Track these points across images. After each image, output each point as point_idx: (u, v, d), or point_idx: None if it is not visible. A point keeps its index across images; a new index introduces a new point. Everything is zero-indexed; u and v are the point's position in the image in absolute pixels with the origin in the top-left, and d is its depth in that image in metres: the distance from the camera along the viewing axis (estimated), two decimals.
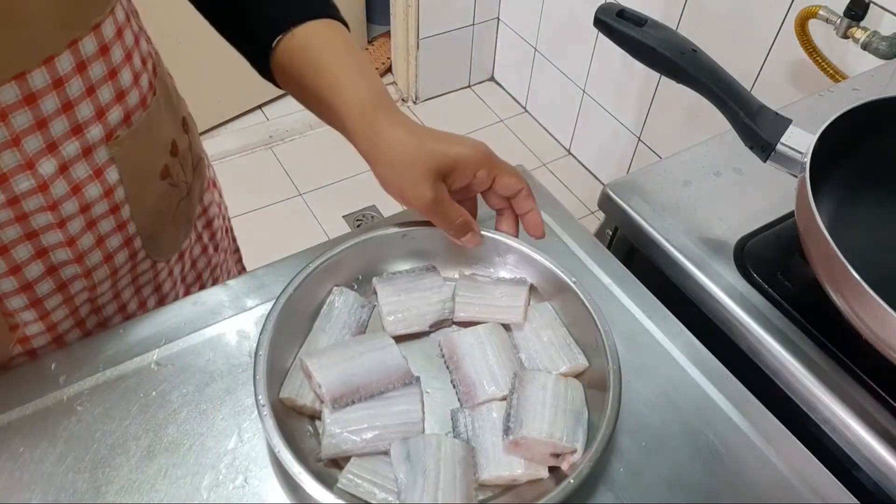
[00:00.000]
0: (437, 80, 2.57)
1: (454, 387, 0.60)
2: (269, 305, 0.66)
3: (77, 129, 0.55)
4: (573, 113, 2.35)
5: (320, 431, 0.56)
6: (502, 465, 0.54)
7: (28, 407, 0.58)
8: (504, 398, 0.57)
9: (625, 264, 0.72)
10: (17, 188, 0.53)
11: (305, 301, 0.63)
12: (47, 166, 0.54)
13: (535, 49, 2.39)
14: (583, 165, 2.40)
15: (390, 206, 2.21)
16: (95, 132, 0.57)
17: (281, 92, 0.69)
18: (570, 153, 2.45)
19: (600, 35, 0.72)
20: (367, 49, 2.65)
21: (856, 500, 0.57)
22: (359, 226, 2.16)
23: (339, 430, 0.54)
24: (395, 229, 0.66)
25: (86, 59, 0.53)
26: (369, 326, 0.64)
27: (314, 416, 0.58)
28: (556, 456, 0.54)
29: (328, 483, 0.51)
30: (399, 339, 0.62)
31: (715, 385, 0.63)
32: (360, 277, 0.67)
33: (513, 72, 2.59)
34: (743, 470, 0.58)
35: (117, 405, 0.58)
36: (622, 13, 0.71)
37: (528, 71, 2.48)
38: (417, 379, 0.59)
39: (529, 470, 0.53)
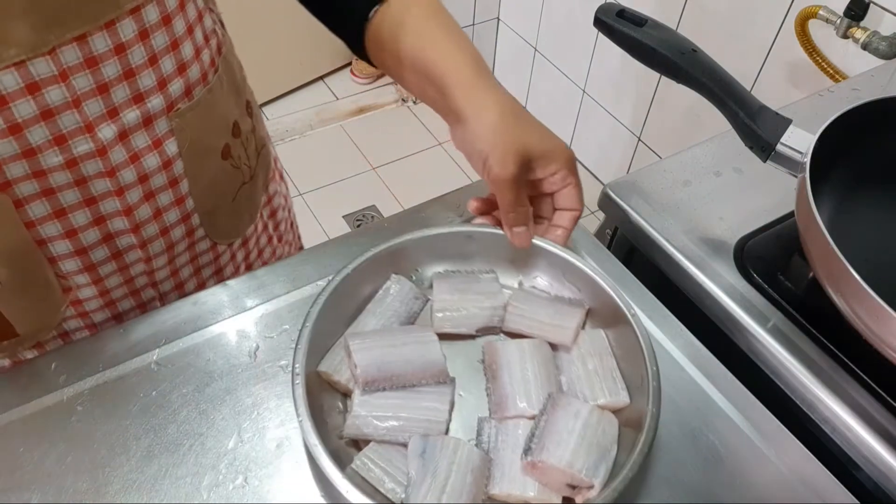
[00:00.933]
0: None
1: (487, 395, 0.60)
2: (269, 305, 0.67)
3: (138, 98, 0.56)
4: (573, 113, 2.35)
5: (348, 410, 0.57)
6: (516, 484, 0.53)
7: (28, 407, 0.58)
8: (533, 417, 0.57)
9: (625, 264, 0.72)
10: (76, 150, 0.54)
11: (361, 283, 0.64)
12: (107, 131, 0.55)
13: (535, 49, 2.39)
14: (583, 165, 2.40)
15: (390, 207, 2.21)
16: (156, 102, 0.58)
17: (281, 92, 0.69)
18: None
19: (600, 35, 0.72)
20: None
21: (856, 500, 0.57)
22: (359, 226, 2.16)
23: (365, 413, 0.55)
24: (462, 228, 0.66)
25: (148, 28, 0.54)
26: (419, 319, 0.65)
27: (347, 394, 0.59)
28: (573, 487, 0.53)
29: (343, 462, 0.51)
30: (445, 337, 0.62)
31: (715, 385, 0.63)
32: (419, 270, 0.67)
33: (513, 72, 2.59)
34: (743, 470, 0.58)
35: (117, 405, 0.58)
36: (622, 13, 0.71)
37: (528, 71, 2.48)
38: (452, 380, 0.59)
39: (542, 495, 0.53)
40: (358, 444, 0.56)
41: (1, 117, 0.49)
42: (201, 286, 0.72)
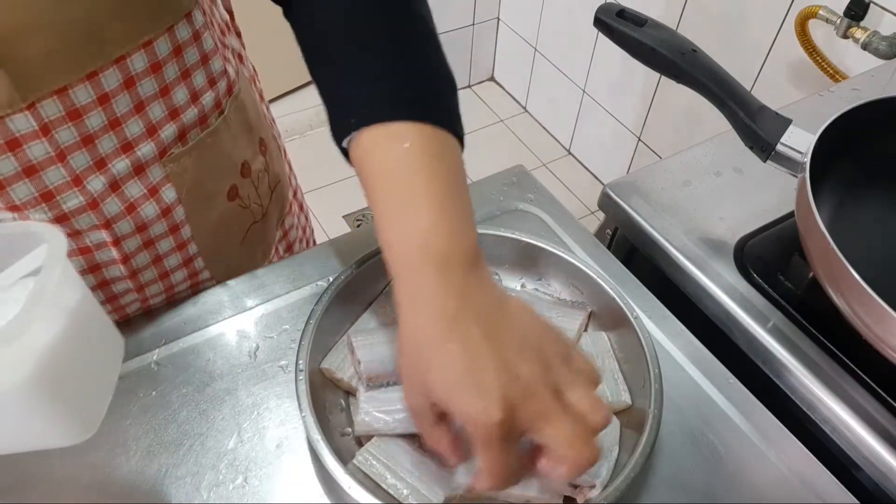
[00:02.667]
0: None
1: None
2: (269, 305, 0.67)
3: (127, 147, 0.53)
4: (573, 113, 2.35)
5: (353, 409, 0.58)
6: (517, 484, 0.53)
7: None
8: None
9: (625, 264, 0.72)
10: (66, 205, 0.52)
11: (365, 283, 0.64)
12: (96, 183, 0.53)
13: (535, 49, 2.39)
14: (583, 165, 2.40)
15: None
16: (147, 150, 0.55)
17: (280, 91, 0.68)
18: (570, 153, 2.45)
19: (600, 35, 0.72)
20: None
21: (856, 500, 0.57)
22: (359, 226, 2.16)
23: (373, 408, 0.55)
24: None
25: (134, 76, 0.51)
26: None
27: (349, 392, 0.59)
28: (574, 487, 0.53)
29: (344, 459, 0.52)
30: None
31: (715, 385, 0.63)
32: None
33: (513, 72, 2.59)
34: (743, 470, 0.58)
35: (117, 405, 0.58)
36: (622, 13, 0.71)
37: (528, 71, 2.48)
38: None
39: (543, 494, 0.53)
40: (360, 441, 0.56)
41: None
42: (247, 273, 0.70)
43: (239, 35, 0.68)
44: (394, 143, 0.46)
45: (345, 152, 0.50)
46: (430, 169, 0.45)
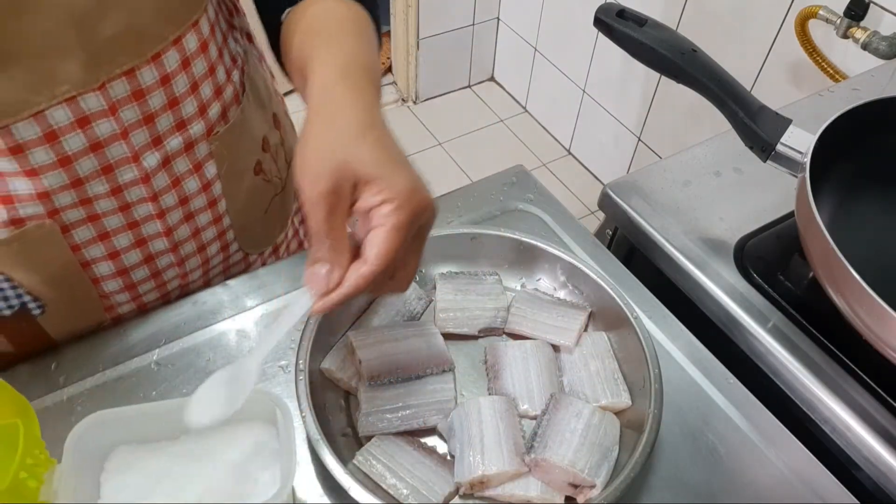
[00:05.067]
0: (437, 80, 2.57)
1: (489, 395, 0.60)
2: (269, 305, 0.67)
3: (181, 125, 0.57)
4: (573, 113, 2.35)
5: (355, 409, 0.58)
6: (518, 484, 0.53)
7: None
8: (535, 417, 0.57)
9: (625, 264, 0.72)
10: (122, 179, 0.56)
11: None
12: (151, 159, 0.57)
13: (535, 49, 2.39)
14: (583, 165, 2.40)
15: None
16: (198, 128, 0.59)
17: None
18: (570, 153, 2.45)
19: (600, 35, 0.72)
20: None
21: (856, 500, 0.57)
22: None
23: (375, 408, 0.56)
24: (466, 230, 0.66)
25: (189, 56, 0.55)
26: (422, 320, 0.65)
27: (349, 392, 0.60)
28: (575, 487, 0.53)
29: (344, 459, 0.52)
30: (447, 337, 0.63)
31: (715, 385, 0.63)
32: (423, 271, 0.68)
33: (513, 72, 2.59)
34: (743, 470, 0.58)
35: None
36: (622, 13, 0.71)
37: (528, 71, 2.48)
38: (453, 366, 0.60)
39: (545, 494, 0.53)
40: (360, 441, 0.56)
41: (52, 150, 0.51)
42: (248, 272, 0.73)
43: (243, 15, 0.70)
44: (322, 3, 0.55)
45: (278, 32, 0.58)
46: (352, 23, 0.54)
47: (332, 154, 0.45)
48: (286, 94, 0.76)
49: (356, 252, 0.46)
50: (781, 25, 1.52)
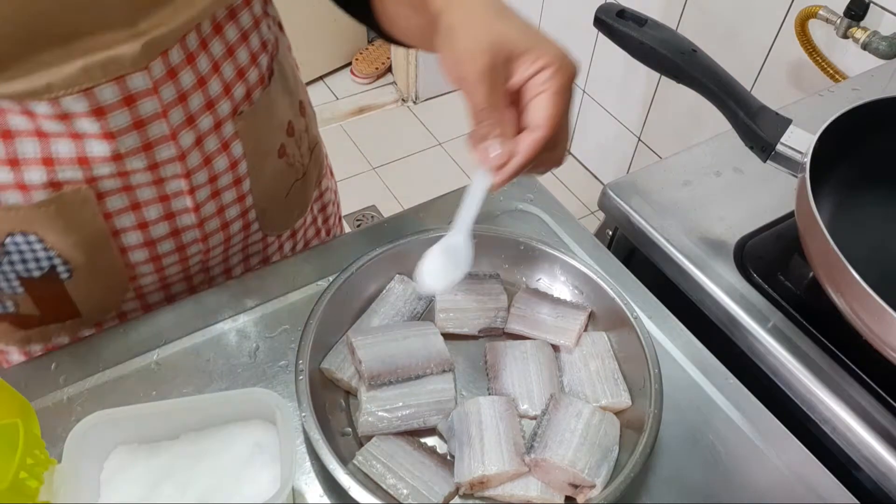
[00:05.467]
0: (437, 80, 2.57)
1: (489, 395, 0.60)
2: (269, 305, 0.67)
3: (210, 104, 0.59)
4: (573, 113, 2.35)
5: (355, 409, 0.58)
6: (518, 484, 0.53)
7: None
8: (535, 417, 0.57)
9: (625, 264, 0.72)
10: (159, 156, 0.57)
11: (365, 283, 0.64)
12: (187, 138, 0.58)
13: None
14: (583, 165, 2.40)
15: (390, 207, 2.21)
16: (224, 107, 0.60)
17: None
18: (570, 153, 2.45)
19: (600, 35, 0.72)
20: (366, 49, 2.65)
21: (856, 500, 0.57)
22: (359, 226, 2.16)
23: (375, 408, 0.56)
24: None
25: (205, 37, 0.56)
26: (422, 320, 0.65)
27: (349, 392, 0.60)
28: (575, 487, 0.53)
29: (344, 459, 0.52)
30: (447, 337, 0.62)
31: (715, 385, 0.63)
32: None
33: None
34: (743, 470, 0.58)
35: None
36: (622, 13, 0.71)
37: None
38: (453, 366, 0.60)
39: (545, 494, 0.53)
40: (360, 441, 0.56)
41: (98, 124, 0.52)
42: (248, 270, 0.75)
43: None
44: None
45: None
46: None
47: (485, 34, 0.47)
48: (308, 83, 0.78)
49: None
50: (781, 25, 1.52)
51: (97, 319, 0.67)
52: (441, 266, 0.52)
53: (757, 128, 0.66)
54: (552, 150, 0.50)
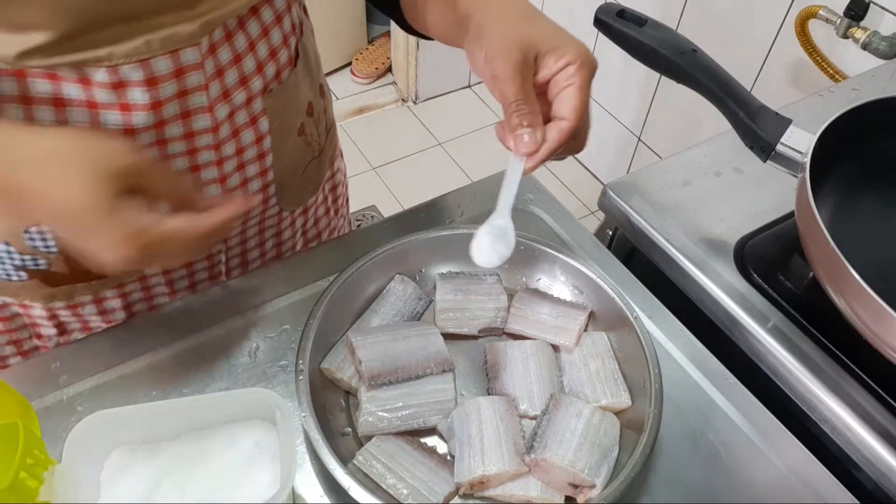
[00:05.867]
0: (437, 79, 2.57)
1: (489, 395, 0.60)
2: (269, 305, 0.67)
3: (243, 80, 0.61)
4: None
5: (355, 409, 0.58)
6: (518, 484, 0.53)
7: None
8: (535, 417, 0.57)
9: (625, 264, 0.72)
10: (195, 125, 0.59)
11: (365, 283, 0.65)
12: (221, 111, 0.60)
13: None
14: (583, 165, 2.40)
15: (390, 207, 2.21)
16: (256, 84, 0.63)
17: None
18: None
19: (600, 35, 0.72)
20: (366, 49, 2.65)
21: (856, 500, 0.57)
22: (359, 226, 2.16)
23: (375, 408, 0.56)
24: (466, 230, 0.66)
25: (244, 16, 0.59)
26: (422, 320, 0.65)
27: (349, 392, 0.60)
28: (574, 487, 0.53)
29: (344, 459, 0.52)
30: (447, 337, 0.62)
31: (715, 385, 0.63)
32: (423, 271, 0.68)
33: None
34: (743, 470, 0.58)
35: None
36: (622, 13, 0.71)
37: None
38: (453, 366, 0.60)
39: (545, 494, 0.53)
40: (360, 441, 0.56)
41: (148, 94, 0.55)
42: (262, 245, 0.76)
43: None
44: None
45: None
46: None
47: (515, 34, 0.52)
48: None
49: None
50: (781, 25, 1.52)
51: (120, 281, 0.67)
52: (491, 245, 0.56)
53: (757, 128, 0.66)
54: (576, 138, 0.54)
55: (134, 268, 0.50)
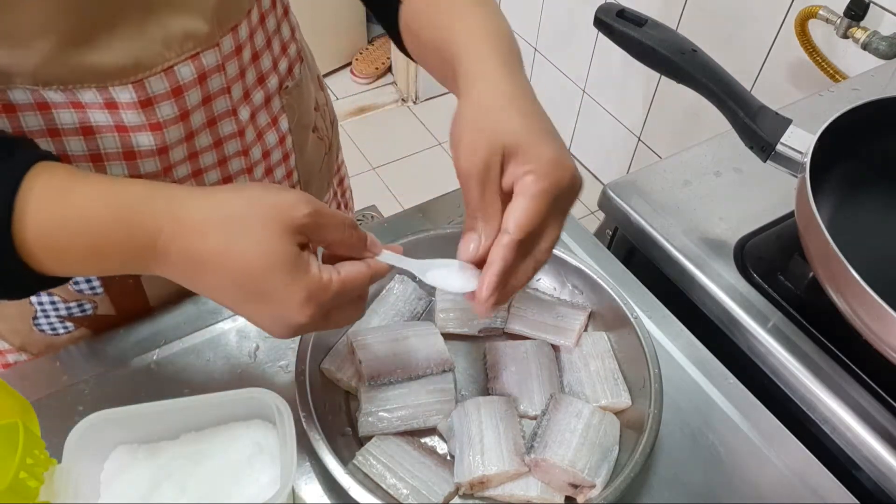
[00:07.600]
0: None
1: (489, 395, 0.60)
2: None
3: (261, 79, 0.61)
4: (573, 113, 2.35)
5: (355, 410, 0.58)
6: (518, 484, 0.53)
7: None
8: (535, 417, 0.57)
9: (625, 264, 0.72)
10: (222, 131, 0.59)
11: None
12: (244, 113, 0.60)
13: (535, 49, 2.39)
14: (583, 165, 2.40)
15: (390, 207, 2.21)
16: (273, 82, 0.62)
17: None
18: (570, 153, 2.45)
19: (600, 35, 0.72)
20: (366, 49, 2.65)
21: (856, 500, 0.57)
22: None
23: (375, 408, 0.56)
24: None
25: (264, 12, 0.59)
26: (422, 320, 0.65)
27: (349, 392, 0.60)
28: (574, 487, 0.53)
29: (344, 459, 0.52)
30: (447, 337, 0.63)
31: (715, 385, 0.63)
32: None
33: None
34: (743, 470, 0.58)
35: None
36: (622, 13, 0.71)
37: (528, 71, 2.48)
38: (453, 366, 0.60)
39: (545, 494, 0.53)
40: (360, 441, 0.56)
41: (176, 105, 0.54)
42: None
43: None
44: None
45: (396, 17, 0.59)
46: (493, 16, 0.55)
47: (482, 129, 0.47)
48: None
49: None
50: (781, 25, 1.52)
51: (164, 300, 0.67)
52: (452, 276, 0.51)
53: (757, 128, 0.66)
54: (530, 254, 0.48)
55: (313, 330, 0.46)
